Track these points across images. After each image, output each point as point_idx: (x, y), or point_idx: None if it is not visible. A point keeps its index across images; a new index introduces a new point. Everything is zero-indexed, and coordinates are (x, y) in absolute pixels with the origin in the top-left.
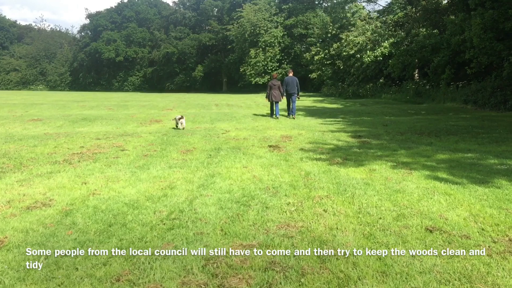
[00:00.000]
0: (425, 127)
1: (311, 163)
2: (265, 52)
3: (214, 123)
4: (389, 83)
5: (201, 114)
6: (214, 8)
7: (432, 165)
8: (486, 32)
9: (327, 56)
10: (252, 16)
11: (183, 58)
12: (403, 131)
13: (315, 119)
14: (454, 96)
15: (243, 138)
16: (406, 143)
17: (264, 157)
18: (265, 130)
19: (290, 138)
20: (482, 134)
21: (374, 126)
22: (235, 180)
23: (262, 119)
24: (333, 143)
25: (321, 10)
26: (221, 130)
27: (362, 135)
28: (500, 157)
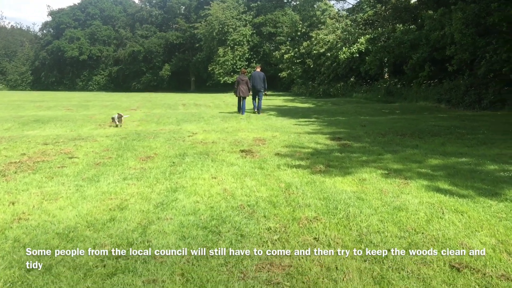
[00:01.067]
0: (406, 128)
1: (290, 171)
2: (234, 50)
3: (180, 125)
4: (360, 82)
5: (166, 114)
6: (181, 6)
7: (428, 173)
8: (467, 27)
9: (297, 54)
10: (220, 14)
11: (149, 56)
12: (383, 132)
13: (288, 120)
14: (427, 95)
15: (212, 142)
16: (390, 145)
17: (236, 164)
18: (236, 132)
19: (264, 141)
20: (467, 135)
21: (351, 126)
22: (202, 196)
23: (232, 120)
24: (312, 146)
25: (290, 8)
26: (188, 133)
27: (341, 137)
28: (498, 162)
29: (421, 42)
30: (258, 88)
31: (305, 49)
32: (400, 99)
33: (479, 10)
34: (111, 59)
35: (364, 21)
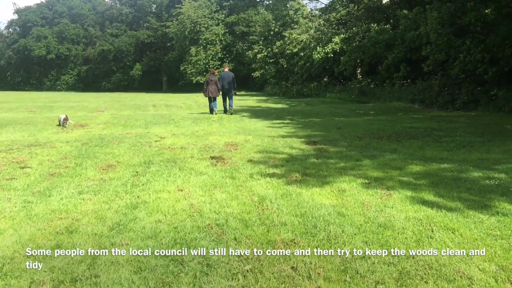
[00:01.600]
0: (382, 130)
1: (264, 181)
2: (206, 50)
3: (148, 128)
4: (334, 82)
5: (135, 116)
6: (152, 4)
7: (410, 182)
8: (443, 27)
9: (270, 54)
10: (192, 13)
11: (120, 56)
12: (360, 135)
13: (262, 121)
14: (400, 95)
15: (181, 147)
16: (367, 150)
17: (206, 173)
18: (206, 135)
19: (236, 146)
20: (445, 138)
21: (327, 129)
22: (166, 214)
23: (204, 122)
24: (286, 151)
25: (263, 8)
26: (155, 137)
27: (317, 140)
28: (481, 168)
29: (396, 42)
30: (228, 88)
31: (278, 48)
32: (374, 99)
33: (455, 9)
34: (80, 58)
35: (337, 20)
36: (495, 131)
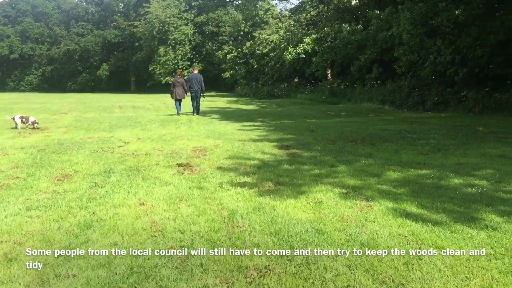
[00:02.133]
0: (355, 133)
1: (234, 192)
2: (175, 50)
3: (112, 131)
4: (304, 82)
5: (99, 119)
6: (120, 3)
7: (389, 191)
8: (416, 27)
9: (240, 54)
10: (160, 12)
11: (86, 56)
12: (333, 139)
13: (232, 124)
14: (371, 96)
15: (145, 154)
16: (342, 154)
17: (171, 183)
18: (174, 140)
19: (205, 151)
20: (419, 141)
21: (299, 132)
22: (123, 234)
23: (171, 125)
24: (258, 157)
25: (233, 8)
26: (119, 142)
27: (289, 144)
28: (460, 174)
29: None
30: (196, 90)
31: (248, 49)
32: (344, 100)
33: (427, 10)
34: (44, 58)
35: (307, 21)
36: (468, 133)
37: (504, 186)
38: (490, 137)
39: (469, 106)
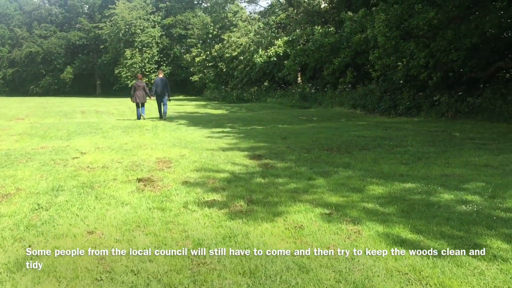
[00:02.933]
0: (330, 140)
1: (201, 214)
2: (142, 53)
3: (70, 140)
4: (274, 86)
5: (58, 125)
6: (84, 4)
7: (377, 210)
8: (391, 29)
9: (208, 57)
10: (126, 14)
11: (49, 58)
12: (308, 147)
13: (200, 130)
14: (342, 100)
15: (103, 166)
16: (318, 165)
17: (129, 203)
18: (136, 149)
19: (170, 162)
20: (397, 148)
21: (271, 139)
22: (61, 279)
23: (135, 131)
24: (228, 169)
25: (201, 10)
26: (75, 152)
27: (262, 154)
28: (449, 188)
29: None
30: (161, 94)
31: (217, 52)
32: (315, 105)
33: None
34: (5, 61)
35: (276, 24)
36: (445, 139)
37: (500, 202)
38: (468, 144)
39: (442, 111)
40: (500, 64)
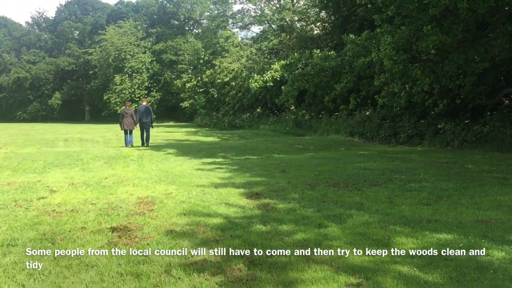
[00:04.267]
0: (334, 173)
1: (188, 284)
2: (132, 78)
3: (44, 173)
4: (267, 113)
5: (35, 155)
6: (75, 30)
7: (417, 278)
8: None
9: (199, 83)
10: (116, 39)
11: (37, 84)
12: (311, 182)
13: (190, 161)
14: (338, 127)
15: (72, 210)
16: (327, 206)
17: (95, 265)
18: (116, 185)
19: (153, 204)
20: (411, 184)
21: (269, 172)
22: None
23: (119, 163)
24: (222, 212)
25: (192, 36)
26: (44, 190)
27: (260, 191)
28: (494, 241)
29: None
30: (144, 121)
31: (208, 77)
32: (310, 132)
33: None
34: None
35: (269, 50)
36: (459, 172)
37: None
38: (487, 178)
39: (447, 140)
40: (508, 91)
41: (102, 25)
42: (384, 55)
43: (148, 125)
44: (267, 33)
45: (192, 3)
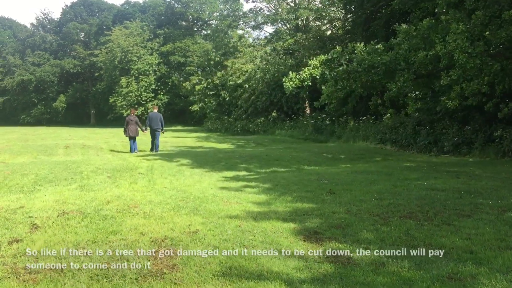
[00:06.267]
0: (398, 196)
1: None
2: (139, 81)
3: (33, 192)
4: (282, 117)
5: (27, 167)
6: (80, 32)
7: None
8: (473, 43)
9: (210, 86)
10: (122, 40)
11: (42, 86)
12: (377, 211)
13: (208, 175)
14: (366, 133)
15: (53, 269)
16: (423, 256)
17: None
18: (121, 216)
19: (174, 254)
20: (509, 213)
21: (312, 193)
22: None
23: (125, 177)
24: (278, 271)
25: (201, 37)
26: (24, 223)
27: (318, 228)
28: None
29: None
30: (155, 128)
31: (219, 79)
32: (333, 138)
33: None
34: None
35: (284, 50)
36: None
37: None
38: None
39: (504, 149)
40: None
41: (108, 26)
42: (455, 47)
43: (159, 132)
44: (281, 32)
45: (201, 3)
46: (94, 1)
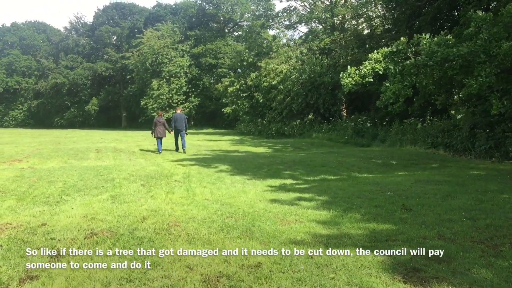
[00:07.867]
0: (492, 215)
1: None
2: (170, 83)
3: (59, 204)
4: (319, 119)
5: (55, 173)
6: (112, 35)
7: None
8: None
9: (243, 87)
10: (153, 42)
11: (75, 89)
12: (477, 237)
13: (252, 183)
14: (415, 137)
15: None
16: None
17: None
18: (160, 240)
19: None
20: None
21: (383, 209)
22: None
23: (160, 185)
24: None
25: (232, 38)
26: (44, 248)
27: (412, 260)
28: None
29: (479, 59)
30: (180, 128)
31: (252, 81)
32: (376, 142)
33: None
34: (31, 92)
35: (320, 49)
36: None
37: None
38: None
39: None
40: None
41: (139, 28)
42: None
43: (184, 132)
44: (317, 32)
45: (233, 4)
46: (126, 5)
